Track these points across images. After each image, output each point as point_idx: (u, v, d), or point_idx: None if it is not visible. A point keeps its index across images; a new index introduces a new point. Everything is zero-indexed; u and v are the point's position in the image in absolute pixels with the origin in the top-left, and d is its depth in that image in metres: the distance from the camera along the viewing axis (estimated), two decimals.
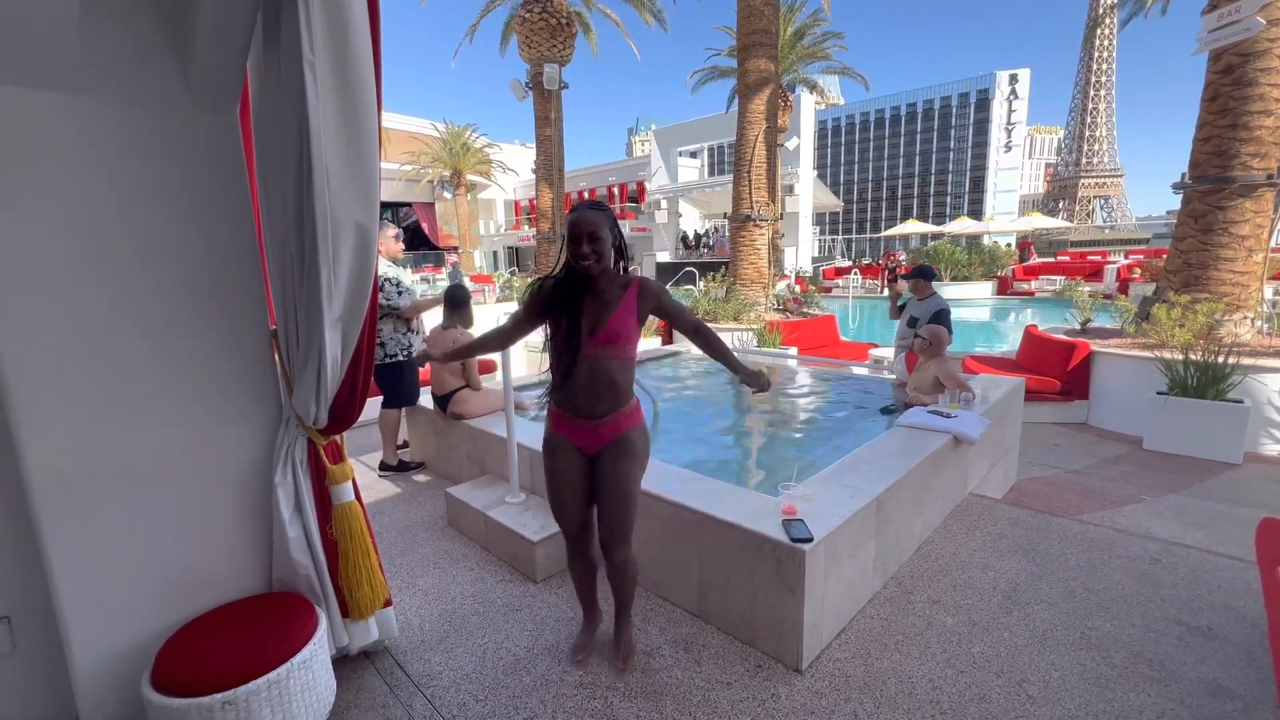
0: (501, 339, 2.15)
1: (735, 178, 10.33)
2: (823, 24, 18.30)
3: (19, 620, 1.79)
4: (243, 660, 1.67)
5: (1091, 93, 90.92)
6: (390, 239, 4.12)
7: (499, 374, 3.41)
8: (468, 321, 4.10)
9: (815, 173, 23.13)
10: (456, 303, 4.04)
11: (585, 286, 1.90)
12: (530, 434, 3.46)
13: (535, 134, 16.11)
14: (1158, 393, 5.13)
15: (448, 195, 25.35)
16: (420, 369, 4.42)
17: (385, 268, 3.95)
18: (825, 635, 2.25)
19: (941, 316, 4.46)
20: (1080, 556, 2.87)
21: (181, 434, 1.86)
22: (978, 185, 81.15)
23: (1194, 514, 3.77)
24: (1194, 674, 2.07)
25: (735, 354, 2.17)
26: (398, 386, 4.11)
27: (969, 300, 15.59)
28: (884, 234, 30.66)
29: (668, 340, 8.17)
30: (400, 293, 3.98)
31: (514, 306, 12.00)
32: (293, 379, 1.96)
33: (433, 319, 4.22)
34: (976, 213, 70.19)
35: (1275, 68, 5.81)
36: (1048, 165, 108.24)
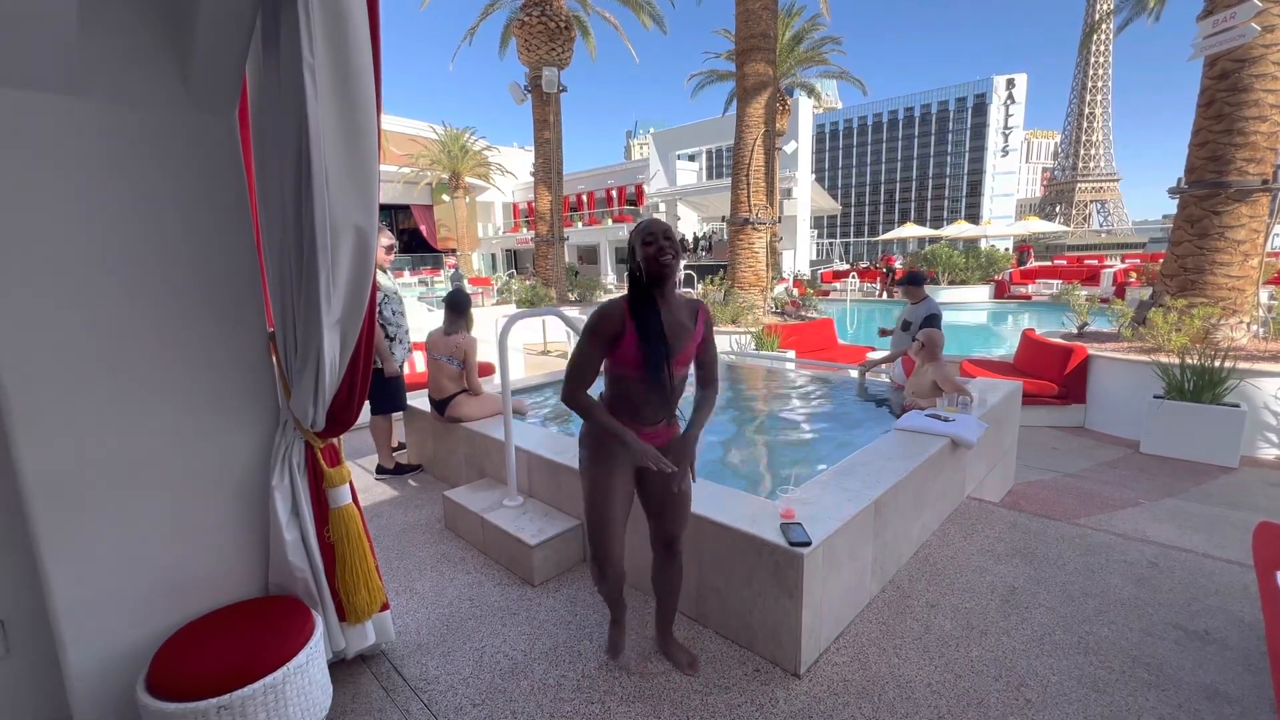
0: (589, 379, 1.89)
1: (733, 181, 10.35)
2: (821, 29, 18.44)
3: (13, 624, 1.78)
4: (239, 664, 1.66)
5: (1088, 97, 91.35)
6: (380, 249, 4.11)
7: (496, 377, 3.39)
8: (469, 326, 4.09)
9: (813, 176, 23.22)
10: (459, 308, 3.98)
11: (655, 303, 1.83)
12: (528, 437, 3.46)
13: (534, 137, 16.12)
14: (1154, 396, 5.15)
15: (446, 198, 25.37)
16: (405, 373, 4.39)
17: (389, 289, 3.94)
18: (823, 639, 2.25)
19: (933, 320, 4.49)
20: (1078, 560, 2.88)
21: (178, 436, 1.86)
22: (975, 189, 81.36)
23: (1191, 518, 3.77)
24: (1191, 678, 2.08)
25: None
26: (384, 393, 4.05)
27: (966, 304, 15.64)
28: (882, 237, 30.74)
29: None
30: (392, 322, 3.93)
31: (513, 309, 12.03)
32: (290, 382, 1.95)
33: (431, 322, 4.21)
34: (974, 217, 70.49)
35: (1270, 73, 5.85)
36: (1044, 170, 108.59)
